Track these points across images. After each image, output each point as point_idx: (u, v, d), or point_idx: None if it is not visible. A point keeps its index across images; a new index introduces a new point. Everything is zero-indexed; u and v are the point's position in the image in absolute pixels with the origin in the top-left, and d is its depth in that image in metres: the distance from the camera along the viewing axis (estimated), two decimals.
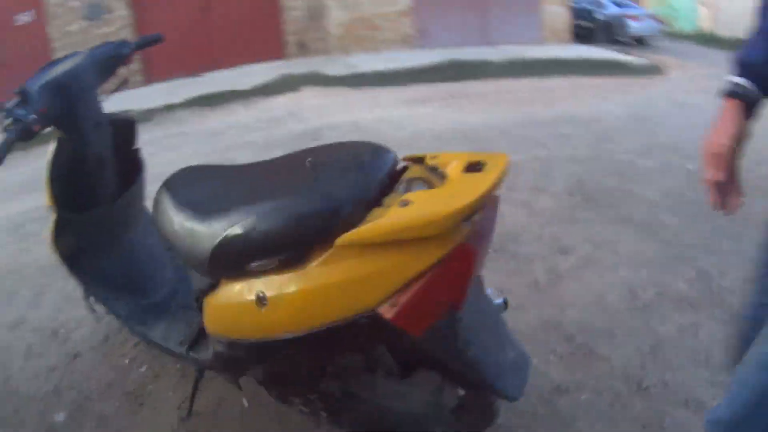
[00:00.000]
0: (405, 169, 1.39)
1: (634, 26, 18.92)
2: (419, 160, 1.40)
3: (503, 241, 3.40)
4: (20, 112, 1.42)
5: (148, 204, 1.76)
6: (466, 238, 1.21)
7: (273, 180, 1.42)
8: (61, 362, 2.52)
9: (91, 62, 1.71)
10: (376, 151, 1.39)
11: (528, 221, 3.78)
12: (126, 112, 1.68)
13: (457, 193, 1.19)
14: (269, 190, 1.33)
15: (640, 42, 19.40)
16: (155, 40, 2.08)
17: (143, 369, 2.37)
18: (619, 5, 19.81)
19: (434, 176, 1.31)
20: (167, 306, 1.89)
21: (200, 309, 1.42)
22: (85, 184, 1.63)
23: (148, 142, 1.94)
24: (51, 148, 1.62)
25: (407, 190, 1.29)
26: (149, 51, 11.68)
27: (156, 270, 1.97)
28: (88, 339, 2.64)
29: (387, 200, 1.28)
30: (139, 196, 1.81)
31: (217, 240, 1.28)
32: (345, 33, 12.43)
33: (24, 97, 1.48)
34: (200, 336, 1.57)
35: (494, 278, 2.81)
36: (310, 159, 1.34)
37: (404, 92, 9.13)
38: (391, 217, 1.19)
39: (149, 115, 8.88)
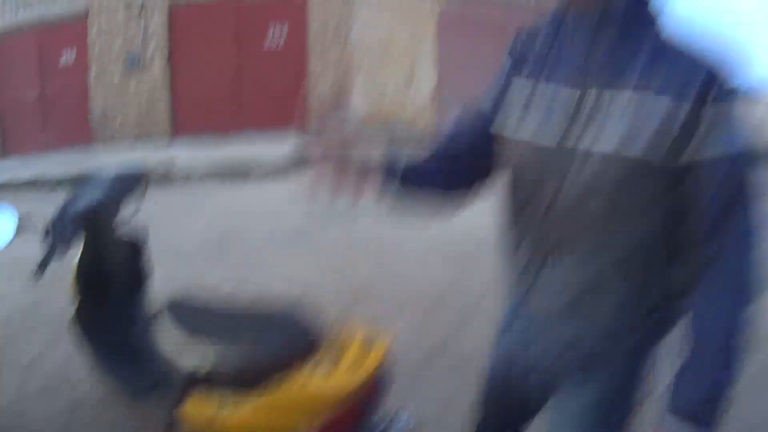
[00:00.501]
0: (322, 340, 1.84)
1: None
2: (334, 332, 1.84)
3: None
4: (57, 233, 1.76)
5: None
6: (348, 411, 1.70)
7: (233, 327, 1.88)
8: (69, 407, 2.87)
9: (114, 189, 2.03)
10: (303, 321, 1.85)
11: None
12: (137, 237, 2.05)
13: (344, 379, 1.70)
14: (231, 336, 1.80)
15: None
16: (167, 167, 2.42)
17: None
18: None
19: (336, 354, 1.78)
20: (149, 394, 2.20)
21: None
22: (102, 283, 1.95)
23: (164, 202, 2.09)
24: (79, 251, 1.93)
25: (315, 365, 1.74)
26: (179, 109, 13.01)
27: (147, 361, 2.21)
28: (96, 387, 2.88)
29: (302, 370, 1.73)
30: (144, 297, 2.09)
31: (193, 366, 1.73)
32: (367, 114, 12.87)
33: (61, 217, 1.80)
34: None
35: None
36: (260, 324, 1.80)
37: None
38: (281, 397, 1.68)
39: (170, 174, 9.50)
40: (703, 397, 1.17)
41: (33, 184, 10.05)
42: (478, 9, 13.23)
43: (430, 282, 4.98)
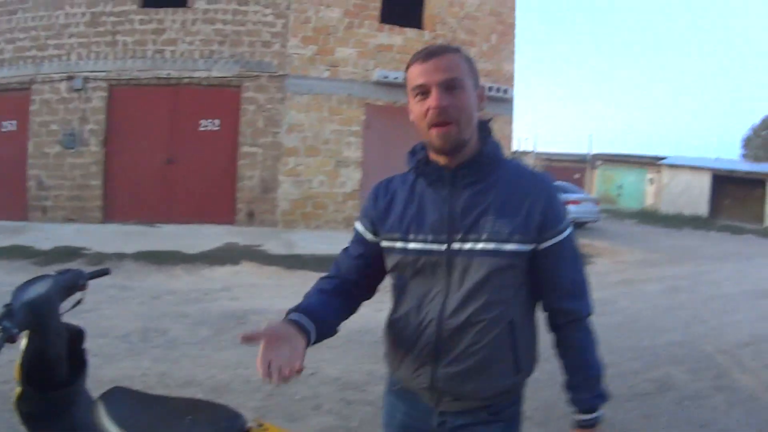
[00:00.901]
0: None
1: (574, 211, 19.73)
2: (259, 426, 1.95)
3: None
4: (7, 324, 1.81)
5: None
6: None
7: (167, 418, 1.94)
8: None
9: (57, 287, 2.08)
10: (230, 417, 1.90)
11: None
12: (77, 326, 2.11)
13: None
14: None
15: (580, 226, 20.40)
16: (103, 273, 2.48)
17: None
18: (561, 191, 21.18)
19: None
20: None
21: None
22: (44, 372, 1.97)
23: (95, 289, 2.33)
24: (24, 341, 1.96)
25: None
26: (112, 191, 13.09)
27: None
28: None
29: None
30: (83, 384, 2.12)
31: None
32: (292, 208, 13.57)
33: (10, 311, 1.86)
34: None
35: None
36: (189, 417, 1.87)
37: None
38: None
39: (101, 259, 9.55)
40: (593, 393, 1.69)
41: None
42: (404, 102, 13.71)
43: (347, 376, 5.08)
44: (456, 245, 1.64)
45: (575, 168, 38.95)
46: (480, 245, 1.62)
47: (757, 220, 28.90)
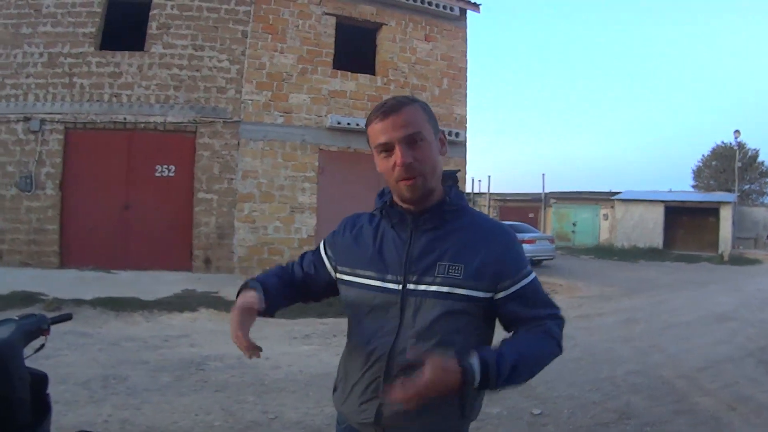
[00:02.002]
0: None
1: (529, 249, 20.50)
2: None
3: None
4: None
5: None
6: None
7: None
8: None
9: (20, 331, 2.12)
10: None
11: None
12: (40, 371, 2.11)
13: None
14: None
15: (536, 264, 21.16)
16: (66, 318, 2.53)
17: None
18: (516, 230, 21.78)
19: None
20: None
21: None
22: (8, 417, 1.93)
23: (54, 335, 2.34)
24: None
25: None
26: (69, 236, 13.35)
27: None
28: None
29: None
30: (47, 430, 2.10)
31: None
32: (249, 254, 13.90)
33: None
34: None
35: None
36: None
37: (293, 326, 9.65)
38: None
39: (58, 305, 9.60)
40: (509, 363, 1.65)
41: None
42: (357, 147, 14.35)
43: (308, 420, 5.16)
44: (411, 286, 1.75)
45: (529, 207, 39.99)
46: (433, 287, 1.73)
47: (711, 248, 30.04)
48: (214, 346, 7.99)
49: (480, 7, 16.19)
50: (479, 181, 67.92)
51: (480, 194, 45.71)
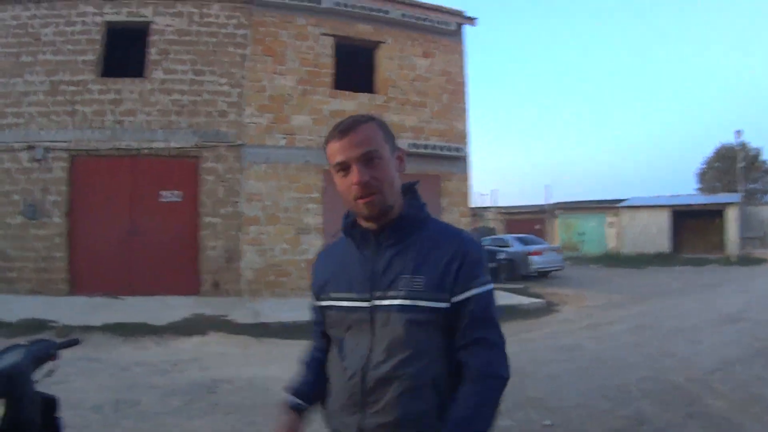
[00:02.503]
0: None
1: (537, 261, 21.04)
2: None
3: None
4: None
5: None
6: None
7: None
8: None
9: (29, 357, 2.20)
10: None
11: None
12: (50, 394, 2.19)
13: None
14: None
15: (544, 275, 21.45)
16: (74, 343, 2.65)
17: None
18: (524, 243, 22.16)
19: None
20: None
21: None
22: None
23: (64, 361, 2.39)
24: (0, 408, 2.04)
25: None
26: (77, 263, 13.54)
27: None
28: None
29: None
30: None
31: None
32: (257, 277, 14.09)
33: None
34: None
35: None
36: None
37: (302, 347, 9.68)
38: None
39: (68, 331, 9.60)
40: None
41: None
42: None
43: None
44: (377, 301, 1.80)
45: (536, 219, 40.14)
46: (398, 301, 1.76)
47: (718, 250, 30.15)
48: (225, 369, 8.09)
49: (476, 20, 16.41)
50: (485, 195, 68.22)
51: (486, 208, 46.11)
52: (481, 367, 1.75)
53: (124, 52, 14.60)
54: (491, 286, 1.84)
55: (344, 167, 1.78)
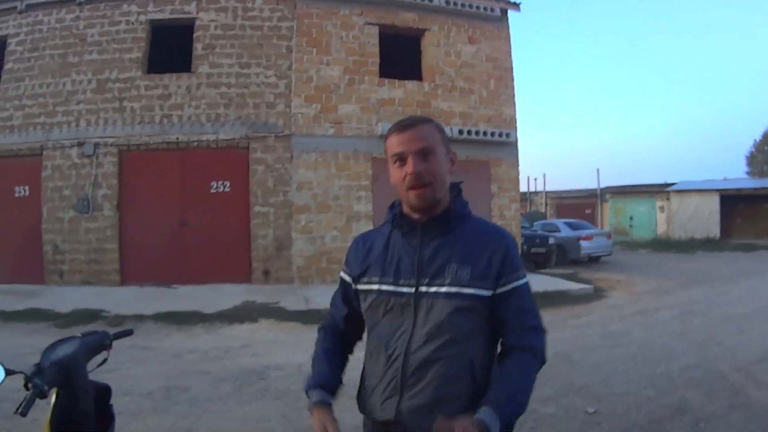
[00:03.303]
0: None
1: (587, 246, 21.02)
2: None
3: None
4: (38, 381, 2.00)
5: None
6: None
7: None
8: None
9: (83, 347, 2.25)
10: None
11: None
12: (103, 383, 2.25)
13: None
14: None
15: (594, 260, 21.42)
16: (127, 333, 2.68)
17: None
18: (573, 228, 22.12)
19: None
20: None
21: None
22: (73, 426, 2.07)
23: (116, 350, 2.45)
24: (52, 399, 2.09)
25: None
26: (128, 254, 13.91)
27: None
28: None
29: None
30: None
31: None
32: (307, 264, 14.27)
33: (40, 369, 2.04)
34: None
35: None
36: None
37: None
38: None
39: (120, 321, 10.04)
40: (510, 401, 1.75)
41: None
42: None
43: None
44: (422, 288, 1.91)
45: (586, 203, 39.90)
46: (443, 289, 1.88)
47: (767, 236, 29.69)
48: (275, 355, 8.22)
49: (520, 5, 16.39)
50: (535, 179, 67.94)
51: (536, 193, 45.82)
52: (526, 349, 1.88)
53: (170, 47, 14.92)
54: (527, 278, 1.99)
55: (401, 158, 1.91)
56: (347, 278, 2.15)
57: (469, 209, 2.06)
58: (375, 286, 2.01)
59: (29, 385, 2.03)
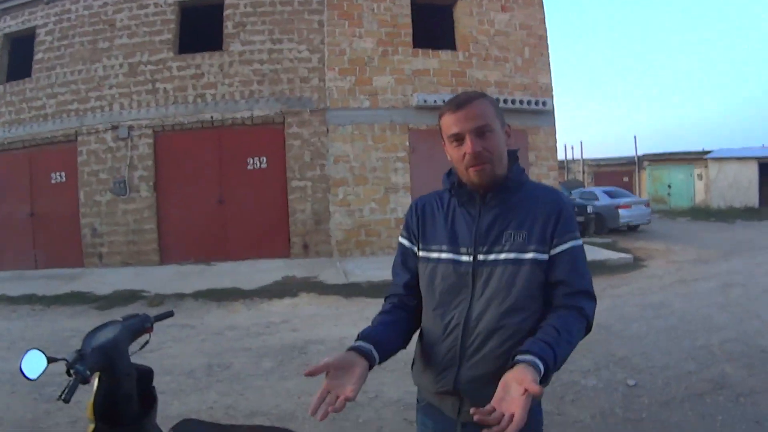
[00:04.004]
0: None
1: (625, 215, 20.78)
2: None
3: None
4: (80, 367, 1.98)
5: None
6: None
7: None
8: None
9: (124, 331, 2.27)
10: None
11: None
12: (145, 366, 2.25)
13: None
14: None
15: (632, 229, 21.21)
16: (168, 315, 2.70)
17: None
18: (611, 196, 21.83)
19: None
20: None
21: None
22: (116, 409, 2.10)
23: (157, 329, 2.47)
24: (95, 383, 2.11)
25: None
26: (166, 234, 14.09)
27: None
28: None
29: None
30: (153, 420, 2.24)
31: None
32: (346, 237, 14.30)
33: (81, 355, 2.03)
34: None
35: None
36: None
37: None
38: None
39: (160, 300, 10.22)
40: (550, 352, 1.68)
41: (28, 300, 10.66)
42: None
43: (407, 398, 5.14)
44: (481, 257, 1.92)
45: (623, 171, 39.47)
46: (503, 255, 1.89)
47: None
48: (315, 330, 8.26)
49: None
50: (572, 147, 67.19)
51: (573, 161, 45.45)
52: (575, 308, 1.85)
53: (201, 27, 14.91)
54: (582, 241, 1.97)
55: (458, 138, 1.90)
56: (406, 243, 2.14)
57: (527, 176, 2.06)
58: (434, 255, 2.01)
59: (71, 371, 2.01)
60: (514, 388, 1.55)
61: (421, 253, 2.06)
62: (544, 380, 1.64)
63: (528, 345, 1.71)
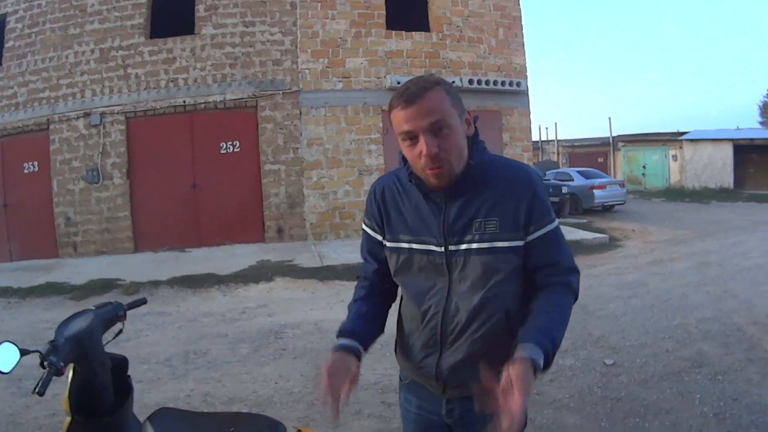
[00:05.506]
0: None
1: (600, 195, 20.84)
2: None
3: None
4: (53, 358, 1.96)
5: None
6: None
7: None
8: None
9: (97, 320, 2.23)
10: (272, 425, 2.01)
11: None
12: (120, 355, 2.24)
13: None
14: None
15: (607, 209, 21.27)
16: (141, 302, 2.65)
17: None
18: (586, 176, 21.88)
19: None
20: None
21: None
22: (92, 401, 2.08)
23: (133, 317, 2.43)
24: (69, 375, 2.09)
25: None
26: (140, 221, 13.84)
27: None
28: None
29: None
30: (130, 410, 2.23)
31: None
32: (320, 220, 14.16)
33: (54, 347, 1.99)
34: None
35: None
36: (232, 429, 1.98)
37: None
38: None
39: (136, 288, 10.01)
40: (549, 333, 1.66)
41: (3, 292, 10.42)
42: None
43: (385, 380, 5.22)
44: (452, 247, 1.82)
45: (598, 152, 39.54)
46: (474, 245, 1.79)
47: None
48: (292, 314, 8.17)
49: None
50: (546, 128, 67.93)
51: (548, 142, 45.63)
52: (565, 284, 1.83)
53: (172, 11, 14.57)
54: (558, 221, 1.89)
55: (411, 136, 1.72)
56: (370, 232, 2.04)
57: (489, 154, 1.88)
58: (405, 245, 1.91)
59: (45, 363, 1.96)
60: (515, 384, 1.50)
61: (389, 244, 1.96)
62: (546, 366, 1.61)
63: (529, 334, 1.67)
